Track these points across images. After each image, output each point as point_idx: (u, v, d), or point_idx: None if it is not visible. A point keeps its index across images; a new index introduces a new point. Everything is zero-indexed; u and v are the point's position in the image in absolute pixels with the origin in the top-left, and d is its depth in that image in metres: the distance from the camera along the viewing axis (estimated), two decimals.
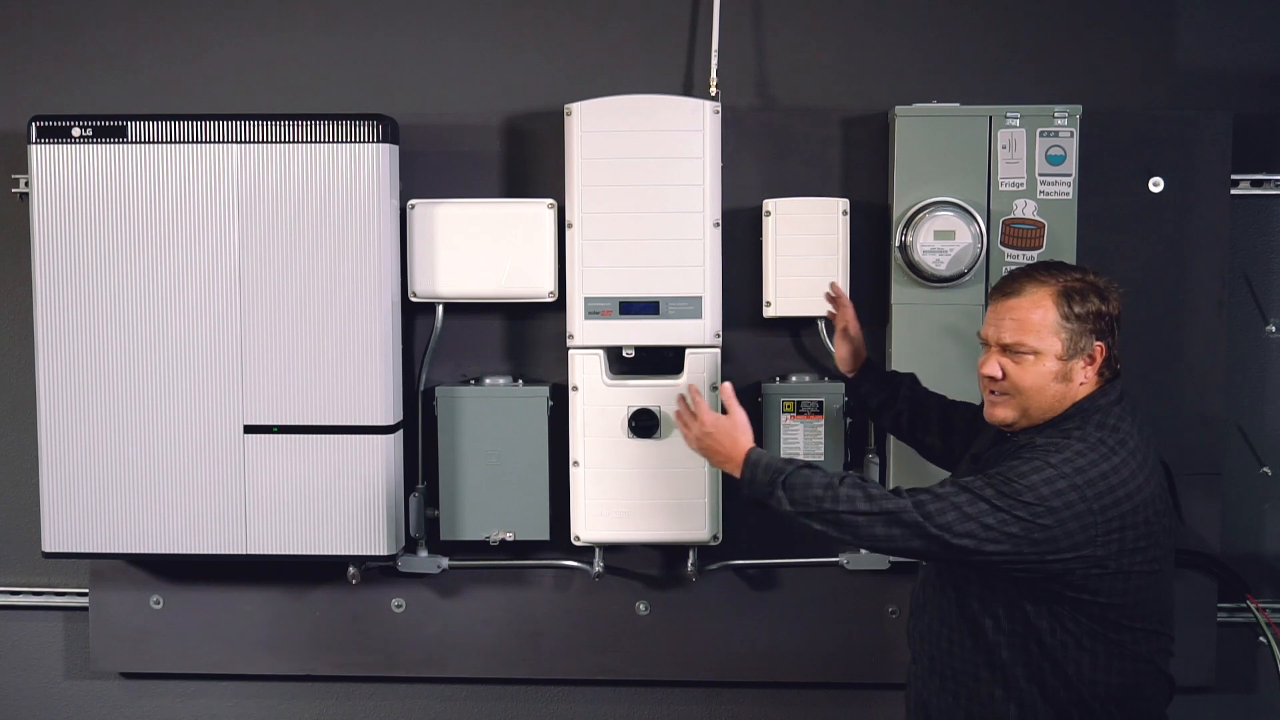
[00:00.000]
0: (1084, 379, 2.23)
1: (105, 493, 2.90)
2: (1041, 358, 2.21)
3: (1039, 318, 2.21)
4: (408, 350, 3.03)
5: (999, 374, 2.23)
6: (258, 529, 2.90)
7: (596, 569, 3.01)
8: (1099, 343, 2.23)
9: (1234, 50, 3.04)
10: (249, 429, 2.88)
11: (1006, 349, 2.23)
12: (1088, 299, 2.22)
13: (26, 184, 2.92)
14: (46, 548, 2.94)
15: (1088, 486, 2.12)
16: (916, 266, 2.85)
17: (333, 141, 2.84)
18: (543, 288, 2.96)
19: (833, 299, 2.79)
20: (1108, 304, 2.24)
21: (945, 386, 2.71)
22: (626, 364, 2.94)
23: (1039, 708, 2.21)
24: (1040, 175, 2.85)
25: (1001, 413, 2.25)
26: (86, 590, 3.17)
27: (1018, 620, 2.21)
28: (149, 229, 2.86)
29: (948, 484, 2.20)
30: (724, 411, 2.44)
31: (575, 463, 2.92)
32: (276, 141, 2.84)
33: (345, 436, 2.88)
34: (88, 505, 2.90)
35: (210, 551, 2.91)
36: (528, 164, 3.05)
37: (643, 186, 2.86)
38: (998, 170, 2.85)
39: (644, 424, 2.88)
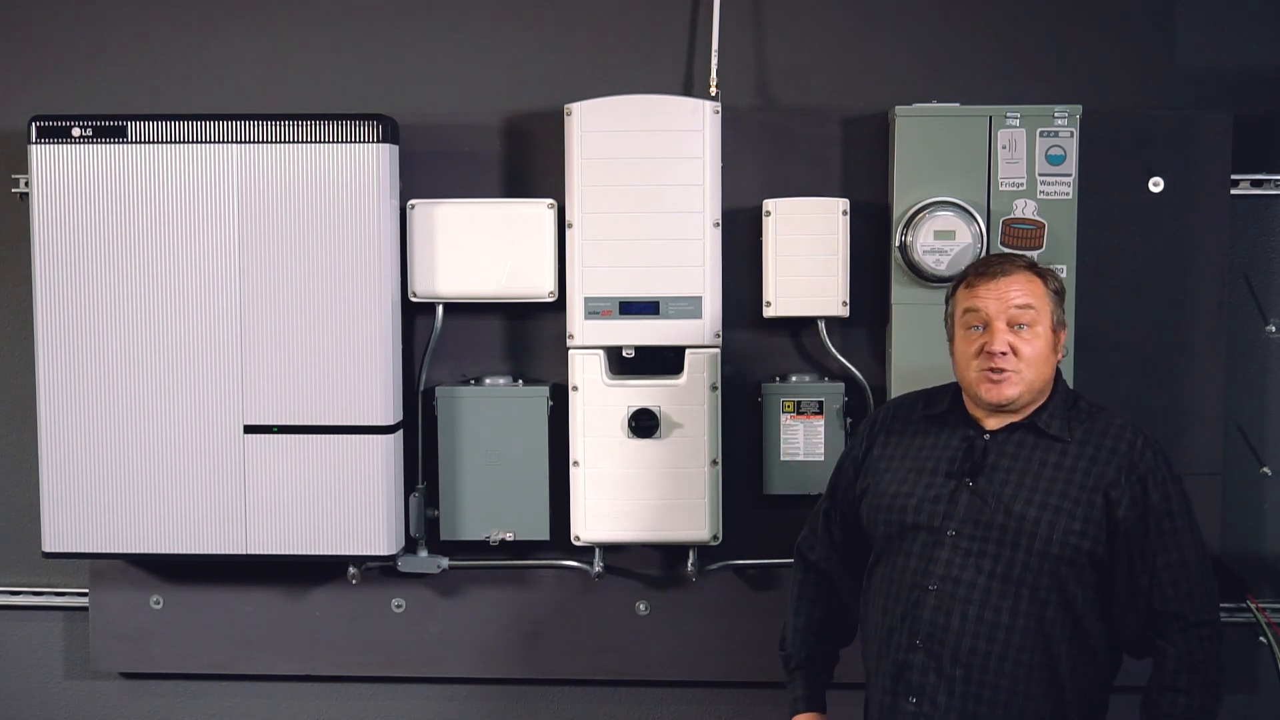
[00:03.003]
0: (1057, 356, 2.31)
1: (105, 493, 2.90)
2: (1041, 328, 2.26)
3: (1035, 288, 2.28)
4: (408, 350, 3.03)
5: (1008, 349, 2.24)
6: (258, 529, 2.90)
7: (596, 569, 3.01)
8: (1064, 321, 2.34)
9: (1234, 50, 3.03)
10: (249, 429, 2.88)
11: (1014, 320, 2.25)
12: (1054, 279, 2.33)
13: (26, 184, 2.92)
14: (46, 548, 2.94)
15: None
16: (916, 266, 2.85)
17: (333, 141, 2.84)
18: (543, 288, 2.96)
19: None
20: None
21: None
22: (626, 364, 2.94)
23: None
24: (1040, 175, 2.85)
25: (1010, 390, 2.25)
26: (86, 590, 3.17)
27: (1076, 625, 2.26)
28: (149, 229, 2.86)
29: (1173, 579, 2.22)
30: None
31: (575, 463, 2.92)
32: (276, 141, 2.84)
33: (345, 436, 2.88)
34: (88, 505, 2.90)
35: (210, 551, 2.91)
36: (528, 164, 3.05)
37: (643, 186, 2.86)
38: (998, 170, 2.85)
39: (644, 424, 2.88)
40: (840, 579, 2.48)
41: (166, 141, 2.85)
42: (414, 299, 2.98)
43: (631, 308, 2.89)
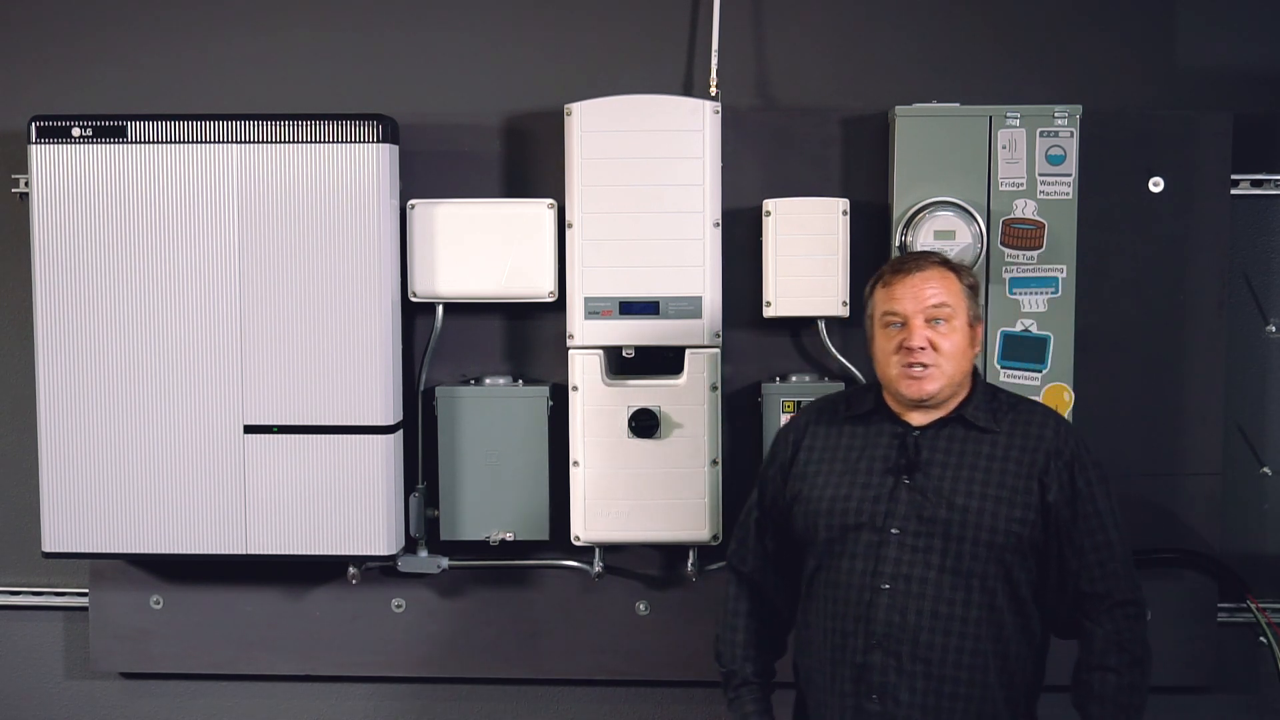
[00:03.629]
0: (974, 349, 2.34)
1: (105, 493, 2.90)
2: (958, 322, 2.29)
3: (950, 284, 2.30)
4: (408, 350, 3.03)
5: (926, 344, 2.25)
6: (258, 529, 2.90)
7: (596, 569, 3.01)
8: (980, 316, 2.36)
9: (1234, 50, 3.04)
10: (249, 429, 2.88)
11: (931, 317, 2.26)
12: (969, 274, 2.36)
13: (26, 184, 2.92)
14: (46, 548, 2.94)
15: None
16: None
17: (333, 141, 2.84)
18: (543, 288, 2.96)
19: None
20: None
21: None
22: (626, 364, 2.94)
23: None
24: (1040, 175, 2.85)
25: (930, 385, 2.26)
26: (86, 590, 3.17)
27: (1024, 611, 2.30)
28: (149, 229, 2.86)
29: (1099, 560, 2.25)
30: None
31: (575, 463, 2.92)
32: (276, 141, 2.84)
33: (345, 436, 2.88)
34: (88, 505, 2.90)
35: (210, 551, 2.91)
36: (528, 164, 3.05)
37: (643, 186, 2.86)
38: (998, 170, 2.85)
39: (644, 424, 2.88)
40: (776, 590, 2.45)
41: (166, 141, 2.85)
42: (414, 299, 2.98)
43: (631, 308, 2.89)
